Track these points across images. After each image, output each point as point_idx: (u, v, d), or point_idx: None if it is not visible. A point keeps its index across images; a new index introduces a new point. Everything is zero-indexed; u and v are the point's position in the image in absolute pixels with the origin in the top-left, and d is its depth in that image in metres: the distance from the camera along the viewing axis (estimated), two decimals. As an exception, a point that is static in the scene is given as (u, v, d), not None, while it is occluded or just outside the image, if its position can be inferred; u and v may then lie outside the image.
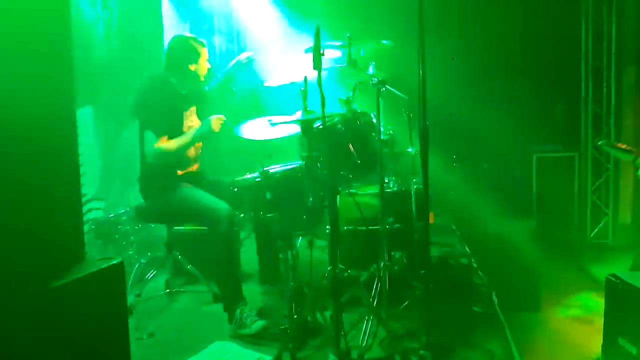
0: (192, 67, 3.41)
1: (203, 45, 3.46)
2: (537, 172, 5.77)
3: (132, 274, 3.89)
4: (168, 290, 3.76)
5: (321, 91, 2.51)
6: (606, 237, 5.76)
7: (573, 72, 5.73)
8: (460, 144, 5.68)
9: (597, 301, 4.10)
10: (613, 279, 1.76)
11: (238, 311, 3.14)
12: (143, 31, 4.77)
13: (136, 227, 4.43)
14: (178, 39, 3.51)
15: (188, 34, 3.64)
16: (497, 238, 4.61)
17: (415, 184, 3.47)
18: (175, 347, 3.06)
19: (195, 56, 3.41)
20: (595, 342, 3.11)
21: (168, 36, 5.10)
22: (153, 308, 3.59)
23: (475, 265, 4.00)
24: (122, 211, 4.41)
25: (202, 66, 3.45)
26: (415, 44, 2.45)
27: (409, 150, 3.56)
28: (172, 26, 5.20)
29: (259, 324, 3.09)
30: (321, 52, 2.50)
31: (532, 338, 3.42)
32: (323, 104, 2.52)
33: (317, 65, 2.51)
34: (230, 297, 3.21)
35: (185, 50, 3.41)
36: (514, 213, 5.27)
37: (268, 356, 2.81)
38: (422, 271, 3.33)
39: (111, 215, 4.32)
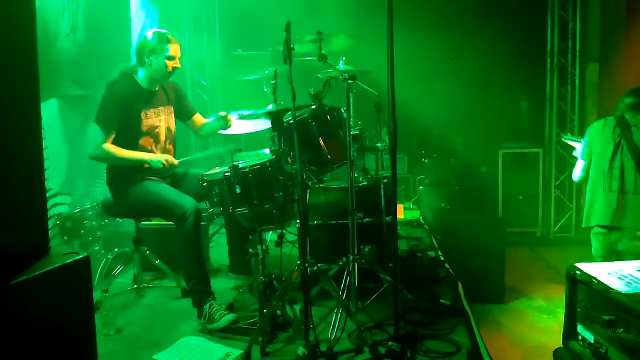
0: (154, 60, 3.34)
1: (170, 41, 3.38)
2: (503, 167, 5.90)
3: (99, 270, 3.83)
4: (136, 286, 3.72)
5: (292, 86, 2.51)
6: (569, 231, 5.94)
7: (538, 70, 5.87)
8: (428, 140, 5.76)
9: (560, 293, 4.23)
10: (573, 269, 1.82)
11: (207, 306, 3.13)
12: (110, 23, 4.68)
13: (102, 223, 4.36)
14: (150, 33, 3.47)
15: (163, 30, 3.56)
16: (464, 231, 4.69)
17: (384, 179, 3.51)
18: (143, 343, 3.03)
19: (158, 50, 3.33)
20: (557, 332, 3.24)
21: (135, 28, 5.03)
22: (120, 304, 3.55)
23: (442, 258, 4.07)
24: (88, 206, 4.34)
25: (168, 61, 3.37)
26: (386, 41, 2.48)
27: (378, 145, 3.60)
28: (139, 18, 5.11)
29: (228, 317, 3.08)
30: (291, 46, 2.51)
31: (497, 329, 3.51)
32: (294, 99, 2.53)
33: (287, 59, 2.52)
34: (199, 292, 3.19)
35: (150, 44, 3.35)
36: (480, 207, 5.37)
37: (237, 350, 2.80)
38: (391, 264, 3.40)
39: (77, 210, 4.23)
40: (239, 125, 3.77)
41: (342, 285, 3.16)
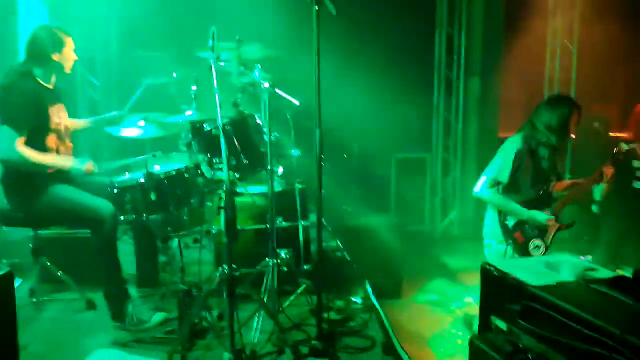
0: (56, 57, 3.20)
1: (68, 35, 3.27)
2: (395, 171, 6.28)
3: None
4: (34, 300, 3.48)
5: (216, 93, 2.54)
6: (453, 229, 6.47)
7: (428, 82, 6.32)
8: (329, 146, 5.94)
9: (448, 286, 4.64)
10: (487, 266, 2.06)
11: (130, 306, 3.05)
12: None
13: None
14: (41, 29, 3.30)
15: (51, 25, 3.41)
16: (363, 232, 4.93)
17: (298, 184, 3.62)
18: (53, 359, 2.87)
19: (59, 46, 3.21)
20: (448, 321, 3.64)
21: (23, 24, 4.69)
22: (19, 319, 3.29)
23: (348, 258, 4.26)
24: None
25: (67, 56, 3.26)
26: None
27: (293, 152, 3.70)
28: (28, 14, 4.77)
29: (160, 315, 3.04)
30: (217, 55, 2.54)
31: (400, 321, 3.75)
32: (218, 106, 2.56)
33: (212, 67, 2.54)
34: (119, 296, 3.10)
35: (48, 40, 3.19)
36: (375, 208, 5.66)
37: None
38: (306, 267, 3.53)
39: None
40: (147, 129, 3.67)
41: (262, 289, 3.22)
